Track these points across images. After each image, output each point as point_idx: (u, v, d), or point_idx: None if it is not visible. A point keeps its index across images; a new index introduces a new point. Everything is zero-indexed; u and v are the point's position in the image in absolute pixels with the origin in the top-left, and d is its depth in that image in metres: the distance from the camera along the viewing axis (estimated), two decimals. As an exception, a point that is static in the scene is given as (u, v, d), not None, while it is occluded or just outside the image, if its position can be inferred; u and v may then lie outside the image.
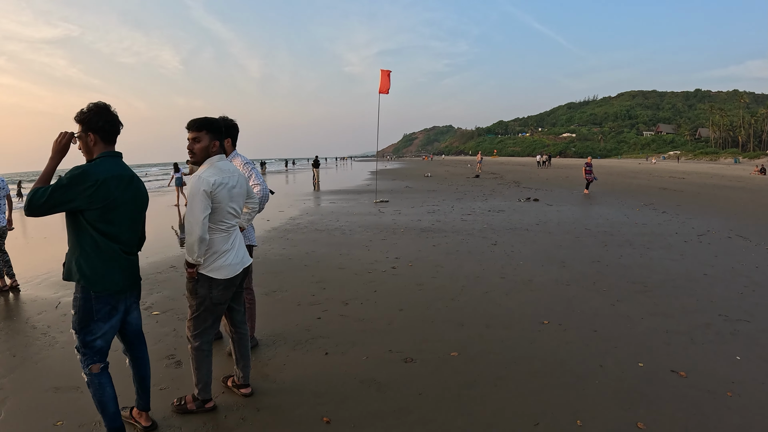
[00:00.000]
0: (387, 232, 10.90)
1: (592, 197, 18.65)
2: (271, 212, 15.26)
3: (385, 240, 9.87)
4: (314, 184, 30.06)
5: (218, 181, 2.99)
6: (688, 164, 72.72)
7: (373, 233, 10.75)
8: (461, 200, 17.77)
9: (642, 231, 10.73)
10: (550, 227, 11.21)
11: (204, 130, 3.09)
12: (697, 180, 31.44)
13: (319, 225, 12.24)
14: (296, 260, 8.20)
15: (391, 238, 10.12)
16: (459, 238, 9.82)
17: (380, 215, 13.87)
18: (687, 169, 51.06)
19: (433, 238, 9.89)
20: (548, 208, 14.92)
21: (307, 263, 7.94)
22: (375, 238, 10.16)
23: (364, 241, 9.84)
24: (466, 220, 12.41)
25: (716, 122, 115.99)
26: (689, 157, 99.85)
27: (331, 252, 8.80)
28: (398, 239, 9.92)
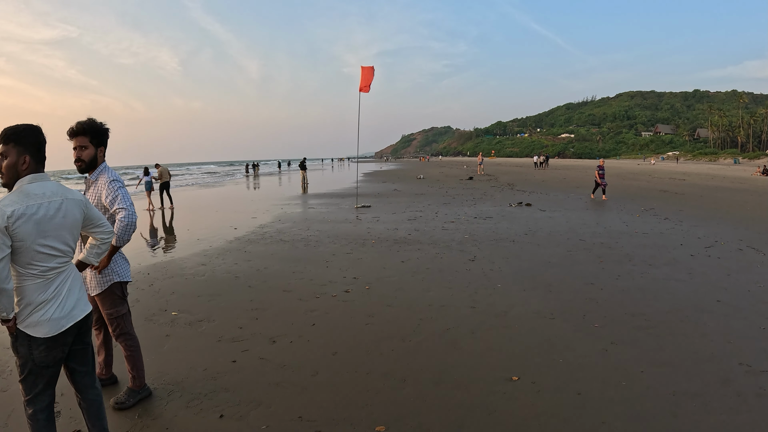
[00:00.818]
0: (356, 243, 9.75)
1: (589, 202, 17.46)
2: (243, 219, 14.29)
3: (351, 254, 8.71)
4: (303, 187, 29.05)
5: (18, 212, 2.24)
6: (688, 165, 71.68)
7: (340, 245, 9.61)
8: (448, 205, 16.60)
9: (643, 242, 9.58)
10: (540, 238, 10.05)
11: (11, 143, 2.33)
12: (697, 181, 30.31)
13: (287, 234, 11.12)
14: (242, 279, 7.11)
15: (358, 251, 8.97)
16: (433, 252, 8.65)
17: (356, 223, 12.73)
18: (686, 170, 49.94)
19: (405, 252, 8.73)
20: (540, 215, 13.77)
21: (253, 283, 6.84)
22: (340, 251, 9.01)
23: (327, 255, 8.69)
24: (447, 229, 11.25)
25: (715, 122, 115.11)
26: (688, 157, 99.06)
27: (284, 269, 7.67)
28: (365, 253, 8.77)
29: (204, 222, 14.24)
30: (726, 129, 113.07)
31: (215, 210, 17.51)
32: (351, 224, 12.53)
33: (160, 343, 4.70)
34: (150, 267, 8.29)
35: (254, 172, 56.67)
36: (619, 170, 48.17)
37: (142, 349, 3.78)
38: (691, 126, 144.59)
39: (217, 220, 14.36)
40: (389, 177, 40.48)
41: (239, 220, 14.19)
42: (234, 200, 22.07)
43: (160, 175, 19.32)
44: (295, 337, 4.73)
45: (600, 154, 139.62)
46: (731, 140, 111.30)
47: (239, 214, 15.58)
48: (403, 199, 19.00)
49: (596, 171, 18.72)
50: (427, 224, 12.10)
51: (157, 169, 19.58)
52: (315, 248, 9.40)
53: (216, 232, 11.88)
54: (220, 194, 26.68)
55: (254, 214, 15.36)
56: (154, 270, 8.04)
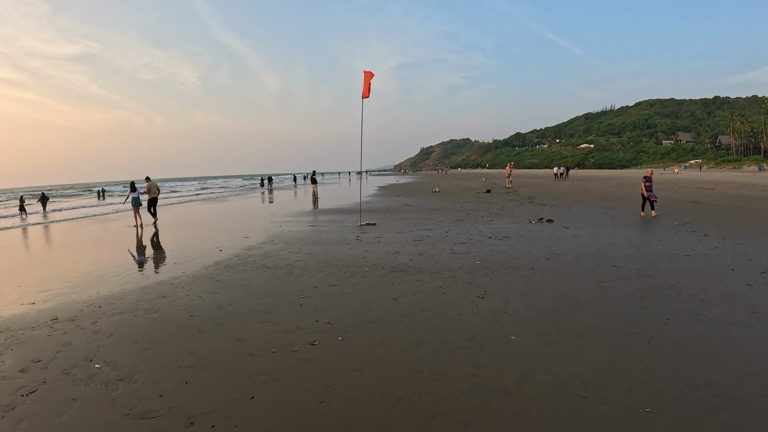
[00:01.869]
0: (346, 272, 8.37)
1: (617, 217, 15.80)
2: (234, 238, 13.19)
3: (335, 287, 7.32)
4: (313, 201, 27.93)
5: None
6: (711, 173, 68.93)
7: (326, 274, 8.24)
8: (461, 222, 15.10)
9: (687, 268, 8.00)
10: (564, 263, 8.52)
11: None
12: (727, 190, 28.32)
13: (272, 259, 9.86)
14: (197, 319, 5.87)
15: (346, 283, 7.57)
16: (435, 285, 7.20)
17: (354, 245, 11.34)
18: (712, 178, 47.54)
19: (401, 285, 7.29)
20: (563, 233, 12.20)
21: (205, 326, 5.60)
22: (324, 282, 7.64)
23: (307, 288, 7.33)
24: (456, 253, 9.77)
25: (737, 129, 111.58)
26: (711, 165, 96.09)
27: (250, 307, 6.36)
28: (353, 285, 7.37)
29: (191, 242, 13.16)
30: (748, 135, 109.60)
31: (210, 228, 16.39)
32: (348, 246, 11.15)
33: (61, 409, 3.64)
34: (104, 298, 7.18)
35: (269, 186, 56.47)
36: (644, 181, 46.10)
37: (40, 415, 3.02)
38: (713, 133, 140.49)
39: (206, 240, 13.27)
40: (404, 190, 39.08)
41: (230, 239, 13.11)
42: (235, 216, 21.01)
43: (148, 189, 18.81)
44: (219, 419, 3.40)
45: (621, 164, 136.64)
46: (754, 146, 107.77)
47: (233, 233, 14.41)
48: (413, 216, 17.54)
49: (642, 183, 16.00)
50: (434, 246, 10.63)
51: (146, 184, 19.03)
52: (297, 278, 8.04)
53: (198, 255, 10.75)
54: (225, 209, 25.67)
55: (249, 233, 14.21)
56: (107, 302, 6.92)
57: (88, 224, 20.34)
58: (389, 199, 27.71)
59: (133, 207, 18.29)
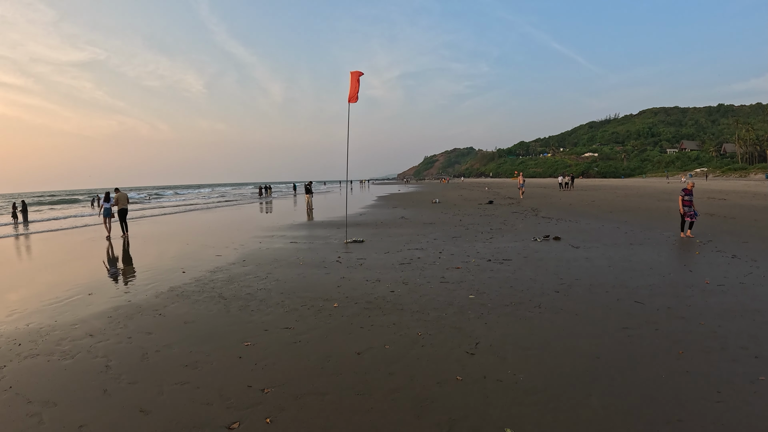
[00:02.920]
0: (311, 308, 6.93)
1: (630, 234, 14.28)
2: (207, 256, 12.02)
3: (291, 329, 5.92)
4: (307, 213, 26.58)
5: None
6: (718, 182, 67.34)
7: (287, 310, 6.85)
8: (458, 240, 13.62)
9: (725, 304, 6.56)
10: (578, 298, 7.04)
11: None
12: (740, 200, 26.82)
13: (234, 286, 8.54)
14: (112, 371, 4.88)
15: (305, 324, 6.15)
16: (415, 332, 5.73)
17: (332, 268, 9.91)
18: (721, 187, 45.92)
19: (372, 329, 5.85)
20: (574, 254, 10.71)
21: (115, 386, 4.51)
22: (280, 322, 6.25)
23: (257, 330, 5.95)
24: (447, 281, 8.29)
25: (742, 137, 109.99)
26: (717, 174, 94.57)
27: (180, 356, 5.14)
28: (312, 329, 5.94)
29: (157, 260, 11.96)
30: (754, 143, 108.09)
31: (186, 243, 15.00)
32: (324, 270, 9.72)
33: None
34: (29, 333, 6.46)
35: (267, 194, 55.74)
36: (650, 189, 44.42)
37: None
38: (717, 141, 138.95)
39: (174, 258, 12.06)
40: (403, 201, 37.64)
41: (200, 257, 11.87)
42: (218, 229, 19.70)
43: (117, 200, 18.09)
44: None
45: (625, 172, 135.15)
46: (759, 155, 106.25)
47: (207, 250, 13.18)
48: (407, 231, 16.07)
49: (680, 197, 13.35)
50: (422, 272, 9.16)
51: (115, 195, 18.31)
52: (250, 315, 6.62)
53: (156, 277, 9.55)
54: (212, 221, 24.36)
55: (224, 250, 12.93)
56: (29, 339, 6.18)
57: (60, 236, 19.12)
58: (385, 211, 26.27)
59: (104, 217, 17.75)
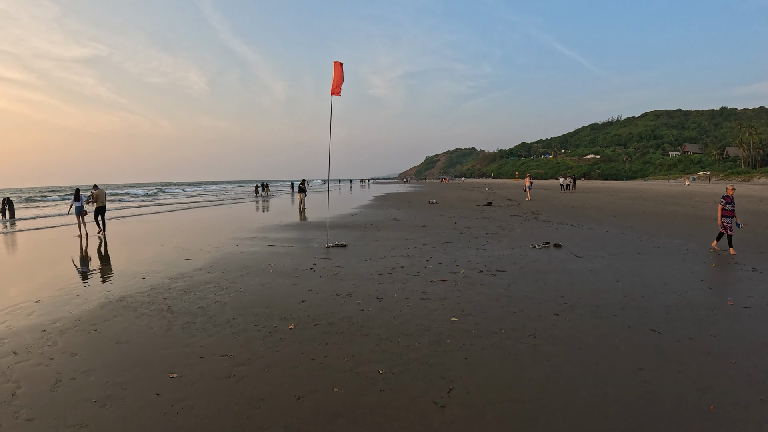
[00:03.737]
0: (262, 329, 5.88)
1: (637, 241, 13.11)
2: (175, 259, 11.12)
3: (231, 357, 4.89)
4: (300, 212, 25.51)
5: None
6: (721, 185, 66.09)
7: (235, 330, 5.82)
8: (449, 246, 12.46)
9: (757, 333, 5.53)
10: (580, 322, 5.89)
11: None
12: (747, 205, 25.65)
13: (188, 298, 7.51)
14: (12, 406, 3.30)
15: (250, 350, 5.14)
16: (373, 370, 4.60)
17: (303, 278, 8.80)
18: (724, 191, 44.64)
19: (323, 363, 4.73)
20: (576, 265, 9.55)
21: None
22: (220, 347, 5.22)
23: (191, 357, 4.97)
24: (428, 298, 7.13)
25: (745, 140, 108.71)
26: (720, 177, 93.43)
27: (88, 391, 4.21)
28: (253, 359, 4.89)
29: (123, 263, 11.24)
30: (757, 147, 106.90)
31: (161, 244, 13.89)
32: (294, 280, 8.60)
33: None
34: None
35: (264, 193, 54.97)
36: (654, 192, 43.20)
37: None
38: (720, 145, 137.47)
39: (141, 261, 11.16)
40: (399, 201, 36.47)
41: (169, 261, 10.94)
42: (200, 229, 18.71)
43: (96, 198, 17.47)
44: None
45: (627, 175, 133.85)
46: (762, 159, 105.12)
47: (179, 252, 12.21)
48: (396, 235, 14.91)
49: (719, 206, 11.36)
50: (403, 285, 8.00)
51: (95, 192, 17.66)
52: (191, 336, 5.61)
53: (112, 284, 8.76)
54: (197, 220, 23.33)
55: (197, 253, 11.97)
56: None
57: (37, 235, 18.16)
58: (378, 212, 25.10)
59: (76, 216, 16.96)
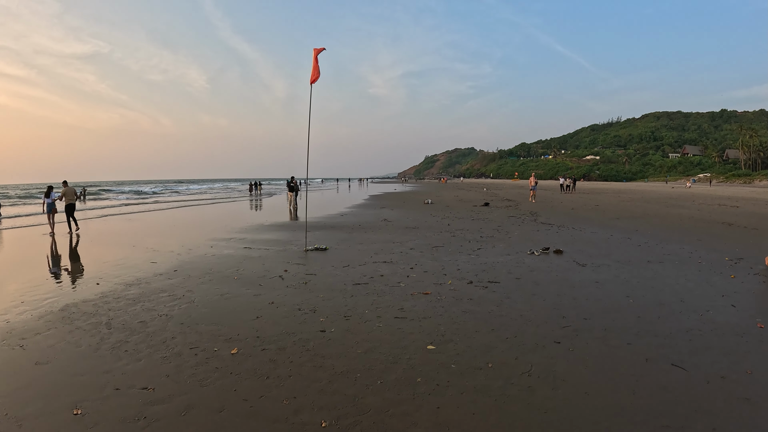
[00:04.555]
0: (202, 351, 4.96)
1: (645, 248, 12.01)
2: (140, 262, 10.24)
3: (150, 390, 3.97)
4: (290, 211, 24.46)
5: None
6: (722, 188, 65.16)
7: (170, 352, 4.87)
8: (439, 250, 11.36)
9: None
10: (587, 352, 4.81)
11: None
12: (753, 208, 24.65)
13: (133, 308, 6.60)
14: None
15: (174, 382, 4.15)
16: (314, 423, 3.47)
17: (268, 288, 7.74)
18: (727, 194, 43.66)
19: (251, 409, 3.68)
20: (580, 276, 8.44)
21: None
22: (144, 377, 4.23)
23: (108, 386, 4.03)
24: (405, 316, 6.03)
25: (746, 143, 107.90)
26: (720, 179, 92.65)
27: None
28: (177, 394, 3.98)
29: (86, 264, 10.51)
30: (757, 149, 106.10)
31: (133, 245, 12.91)
32: (256, 290, 7.54)
33: None
34: None
35: (258, 191, 54.82)
36: (655, 194, 42.16)
37: None
38: (720, 147, 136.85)
39: (104, 264, 10.34)
40: (394, 201, 35.37)
41: (132, 264, 10.10)
42: (178, 229, 17.84)
43: (63, 195, 16.83)
44: None
45: (627, 176, 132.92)
46: (762, 161, 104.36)
47: (147, 254, 11.33)
48: (383, 237, 13.80)
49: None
50: (379, 299, 6.90)
51: (63, 189, 17.03)
52: (116, 358, 4.77)
53: (63, 289, 8.05)
54: (179, 219, 22.38)
55: (165, 255, 11.12)
56: None
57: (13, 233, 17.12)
58: (370, 212, 24.00)
59: (47, 213, 16.72)
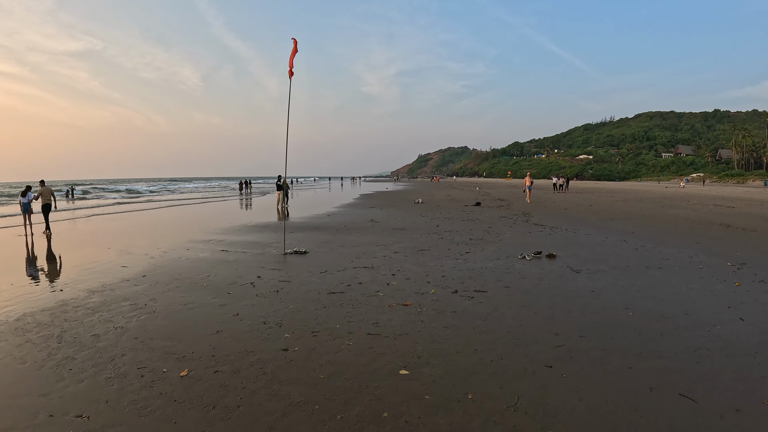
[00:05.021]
0: (150, 371, 4.48)
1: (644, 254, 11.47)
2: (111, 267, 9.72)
3: (84, 420, 3.05)
4: (278, 211, 23.77)
5: None
6: (715, 187, 65.11)
7: (116, 372, 4.33)
8: (424, 254, 10.75)
9: None
10: (582, 379, 4.23)
11: None
12: (749, 209, 24.26)
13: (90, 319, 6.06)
14: None
15: (110, 409, 3.29)
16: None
17: (235, 296, 7.15)
18: (722, 194, 43.41)
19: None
20: (574, 283, 7.86)
21: None
22: (82, 401, 3.33)
23: (37, 414, 3.04)
24: (378, 333, 5.42)
25: (739, 143, 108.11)
26: (714, 179, 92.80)
27: None
28: (109, 425, 3.09)
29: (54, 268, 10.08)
30: (750, 149, 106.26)
31: (108, 246, 12.34)
32: (223, 299, 6.95)
33: None
34: None
35: (248, 190, 54.51)
36: (650, 194, 41.79)
37: None
38: (713, 147, 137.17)
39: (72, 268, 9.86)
40: (384, 200, 34.76)
41: (101, 268, 9.52)
42: (160, 230, 17.18)
43: (39, 195, 16.33)
44: None
45: (620, 175, 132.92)
46: (755, 161, 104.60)
47: (120, 257, 10.74)
48: (368, 239, 13.18)
49: None
50: (353, 310, 6.28)
51: (39, 189, 16.54)
52: (57, 379, 4.26)
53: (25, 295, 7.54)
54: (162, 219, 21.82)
55: (138, 258, 10.63)
56: None
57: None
58: (358, 212, 23.36)
59: (23, 214, 16.27)
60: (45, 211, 16.40)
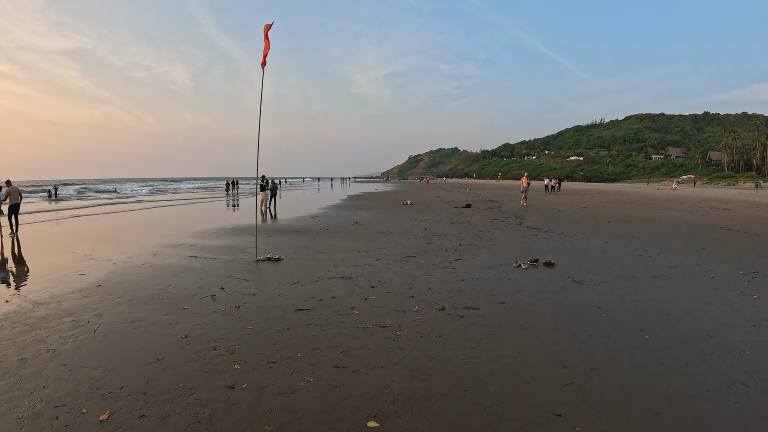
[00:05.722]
0: (68, 412, 3.70)
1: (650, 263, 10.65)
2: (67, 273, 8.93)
3: None
4: (263, 212, 22.75)
5: None
6: (707, 189, 64.99)
7: (21, 416, 3.05)
8: (410, 261, 9.85)
9: None
10: (600, 423, 3.29)
11: None
12: (745, 211, 23.68)
13: (24, 338, 5.23)
14: None
15: None
16: None
17: (191, 312, 6.26)
18: (715, 195, 43.00)
19: None
20: (578, 296, 6.98)
21: None
22: None
23: None
24: (347, 365, 4.52)
25: (729, 145, 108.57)
26: (704, 181, 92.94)
27: None
28: None
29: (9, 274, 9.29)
30: (740, 151, 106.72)
31: (73, 251, 11.59)
32: (176, 316, 6.05)
33: None
34: None
35: (235, 191, 52.96)
36: (642, 196, 41.20)
37: None
38: (703, 149, 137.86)
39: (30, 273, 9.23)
40: (372, 201, 33.84)
41: (58, 276, 8.74)
42: (134, 231, 16.32)
43: (7, 195, 15.65)
44: None
45: (610, 177, 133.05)
46: (745, 163, 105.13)
47: (81, 264, 9.88)
48: (349, 245, 12.25)
49: None
50: (320, 334, 5.35)
51: (6, 189, 15.82)
52: None
53: None
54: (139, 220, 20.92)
55: (100, 264, 9.81)
56: None
57: None
58: (343, 214, 22.43)
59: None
60: (13, 212, 15.78)
